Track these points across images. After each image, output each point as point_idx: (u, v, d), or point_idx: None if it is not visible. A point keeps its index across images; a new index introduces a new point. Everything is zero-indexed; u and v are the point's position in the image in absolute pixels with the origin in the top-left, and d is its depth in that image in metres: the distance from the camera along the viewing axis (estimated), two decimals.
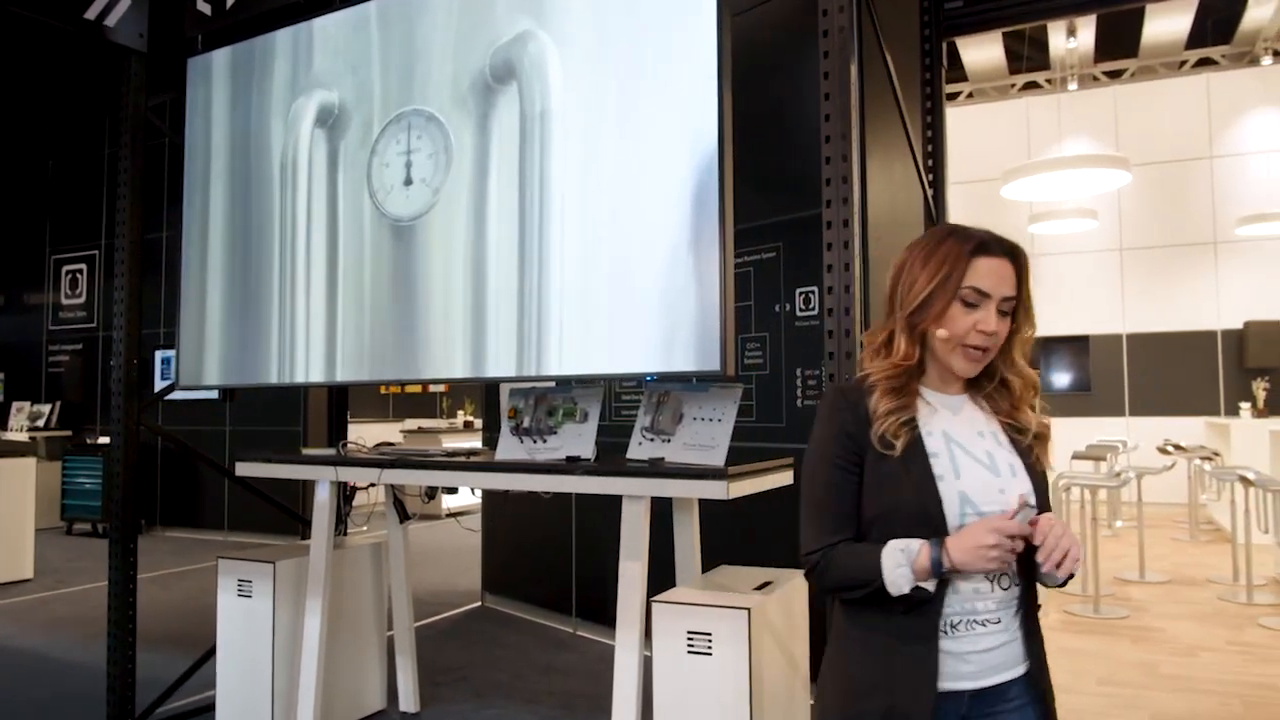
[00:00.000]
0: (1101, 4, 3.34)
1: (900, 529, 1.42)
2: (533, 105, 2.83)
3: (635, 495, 2.81)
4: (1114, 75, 11.74)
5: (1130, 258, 11.03)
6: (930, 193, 3.12)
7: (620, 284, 2.63)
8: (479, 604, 5.78)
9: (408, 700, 3.80)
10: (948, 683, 1.43)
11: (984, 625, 1.44)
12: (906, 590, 1.39)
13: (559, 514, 5.13)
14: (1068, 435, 8.79)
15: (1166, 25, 10.54)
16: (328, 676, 3.44)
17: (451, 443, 8.17)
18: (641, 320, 2.59)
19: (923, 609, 1.42)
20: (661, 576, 3.02)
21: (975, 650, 1.44)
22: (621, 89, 2.69)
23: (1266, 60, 10.77)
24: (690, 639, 2.64)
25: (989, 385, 1.54)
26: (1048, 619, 5.56)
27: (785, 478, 2.96)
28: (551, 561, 5.24)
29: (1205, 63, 11.34)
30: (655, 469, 2.79)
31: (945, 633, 1.43)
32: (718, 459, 2.76)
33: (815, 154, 4.15)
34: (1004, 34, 10.71)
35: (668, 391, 2.96)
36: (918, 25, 3.25)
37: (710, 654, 2.61)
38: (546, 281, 2.75)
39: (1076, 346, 11.02)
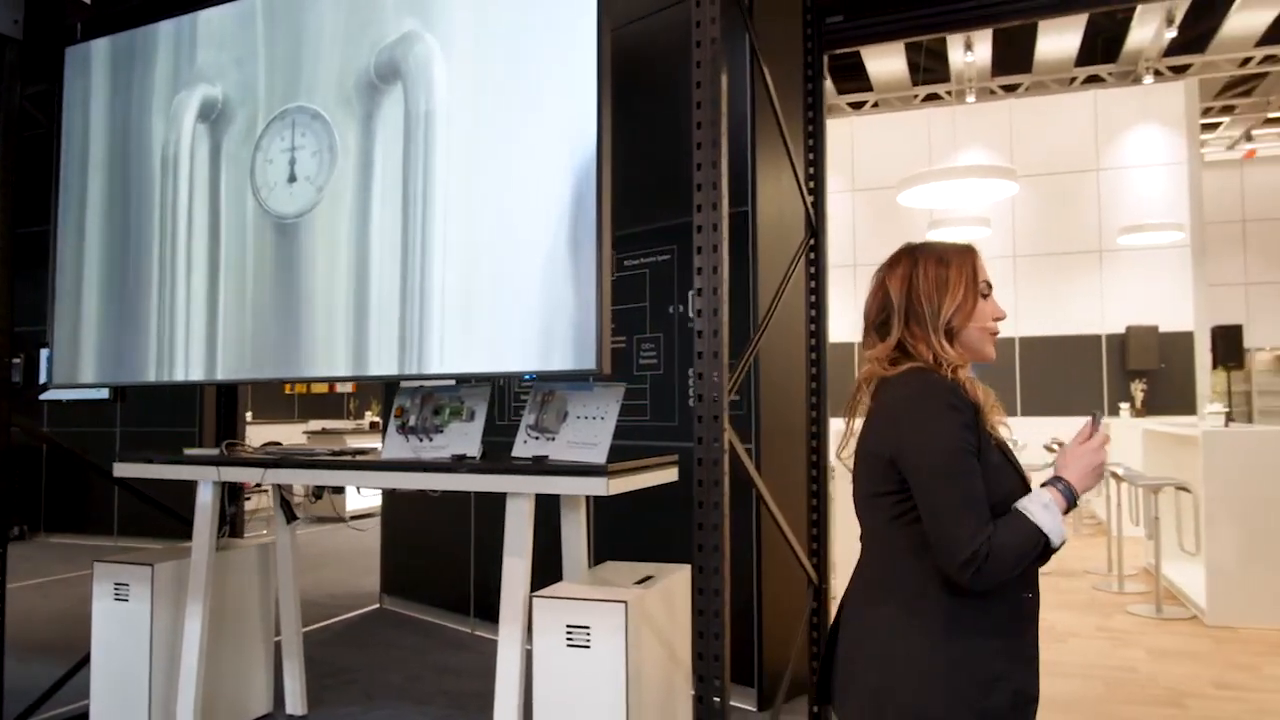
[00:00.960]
0: (979, 22, 3.52)
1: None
2: (418, 106, 2.84)
3: (518, 492, 2.85)
4: (1010, 89, 12.24)
5: (1023, 264, 11.52)
6: (810, 199, 3.24)
7: (501, 284, 2.66)
8: (377, 606, 5.72)
9: (295, 703, 3.76)
10: None
11: None
12: (1067, 535, 1.46)
13: (458, 515, 5.13)
14: None
15: (1058, 43, 11.05)
16: (210, 681, 3.38)
17: (356, 443, 8.04)
18: (521, 320, 2.63)
19: (1031, 592, 1.51)
20: (559, 576, 3.06)
21: None
22: (506, 92, 2.72)
23: (1148, 79, 11.39)
24: (570, 632, 2.69)
25: None
26: None
27: (667, 475, 3.04)
28: (450, 562, 5.23)
29: (1093, 80, 11.92)
30: (538, 466, 2.83)
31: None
32: (599, 456, 2.81)
33: None
34: (906, 47, 11.07)
35: (552, 391, 3.01)
36: (801, 39, 3.36)
37: (589, 647, 2.66)
38: (429, 281, 2.76)
39: None
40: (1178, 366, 10.77)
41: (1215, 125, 14.18)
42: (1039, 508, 1.43)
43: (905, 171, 9.70)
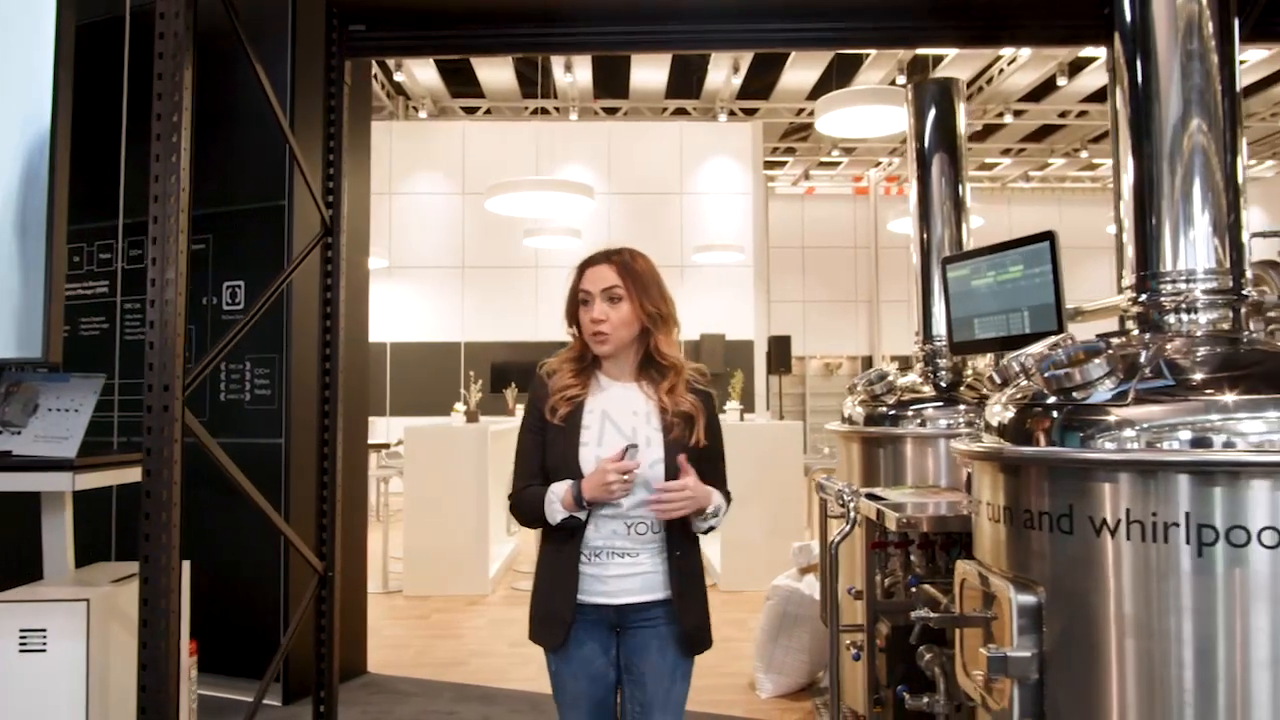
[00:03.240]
0: (498, 49, 3.84)
1: (561, 479, 1.94)
2: None
3: None
4: (611, 112, 13.26)
5: None
6: (328, 199, 3.33)
7: None
8: None
9: None
10: (586, 597, 1.95)
11: (622, 558, 1.96)
12: (560, 520, 1.92)
13: None
14: None
15: (650, 75, 12.18)
16: None
17: None
18: None
19: (573, 541, 1.95)
20: None
21: (610, 575, 1.96)
22: None
23: (723, 118, 12.94)
24: (23, 637, 2.55)
25: (654, 374, 2.02)
26: (495, 595, 6.11)
27: None
28: None
29: (680, 113, 13.30)
30: None
31: (586, 560, 1.96)
32: (70, 450, 2.69)
33: (249, 150, 4.21)
34: (514, 60, 11.57)
35: (19, 381, 2.81)
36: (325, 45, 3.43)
37: (45, 650, 2.55)
38: None
39: None
40: (743, 370, 12.35)
41: (781, 164, 16.45)
42: (551, 493, 1.94)
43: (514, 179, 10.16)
